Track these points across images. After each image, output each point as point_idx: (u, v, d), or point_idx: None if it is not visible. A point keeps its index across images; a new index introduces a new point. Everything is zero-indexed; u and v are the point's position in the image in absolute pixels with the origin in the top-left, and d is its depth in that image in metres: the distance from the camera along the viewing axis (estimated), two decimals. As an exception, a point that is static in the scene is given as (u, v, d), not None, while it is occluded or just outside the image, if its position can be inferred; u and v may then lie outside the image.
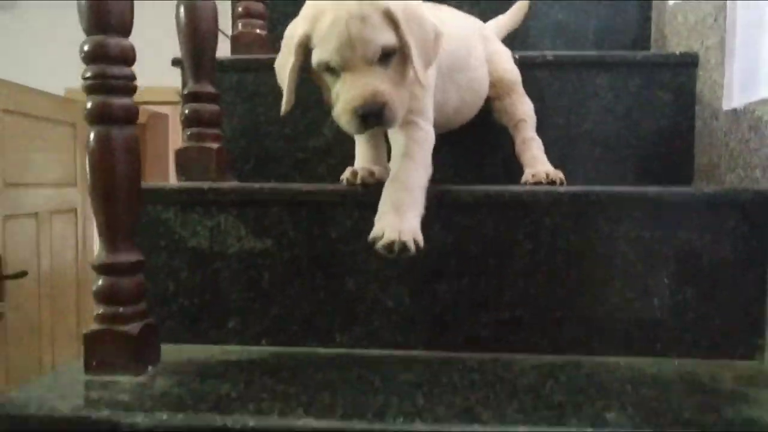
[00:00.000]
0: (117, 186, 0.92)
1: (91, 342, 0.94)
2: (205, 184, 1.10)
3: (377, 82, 0.85)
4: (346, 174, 1.04)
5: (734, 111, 1.20)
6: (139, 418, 0.80)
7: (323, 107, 1.05)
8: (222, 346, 1.09)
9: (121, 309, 0.94)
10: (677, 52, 1.44)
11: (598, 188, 1.09)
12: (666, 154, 1.39)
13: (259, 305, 1.09)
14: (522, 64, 1.36)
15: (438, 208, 1.01)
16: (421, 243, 0.89)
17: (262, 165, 1.42)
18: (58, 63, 2.86)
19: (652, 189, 1.06)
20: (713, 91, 1.30)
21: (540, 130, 1.31)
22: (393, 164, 0.99)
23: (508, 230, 1.05)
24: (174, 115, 4.88)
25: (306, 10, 0.92)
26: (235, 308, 1.09)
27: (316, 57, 0.88)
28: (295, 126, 1.40)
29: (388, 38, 0.86)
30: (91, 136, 0.92)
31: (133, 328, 0.94)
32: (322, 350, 1.07)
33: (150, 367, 0.97)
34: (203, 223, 1.09)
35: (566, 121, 1.40)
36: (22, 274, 2.82)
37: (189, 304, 1.10)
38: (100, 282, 0.95)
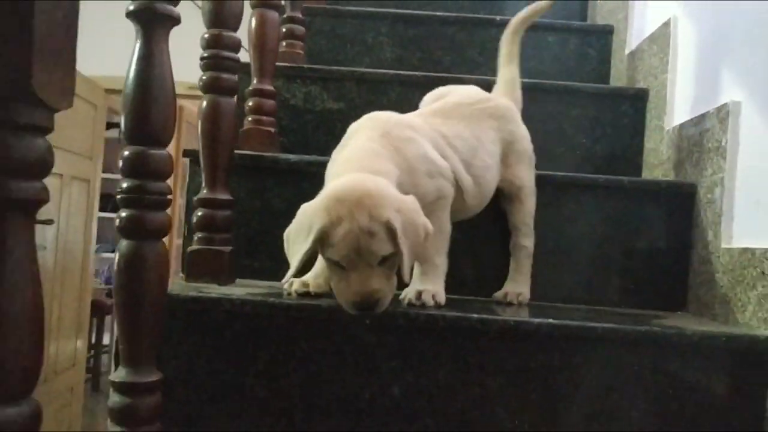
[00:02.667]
0: (222, 138, 1.20)
1: (192, 257, 1.19)
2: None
3: (375, 282, 1.01)
4: (291, 287, 1.15)
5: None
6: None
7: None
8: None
9: (215, 235, 1.19)
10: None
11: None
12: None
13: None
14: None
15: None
16: (442, 301, 1.14)
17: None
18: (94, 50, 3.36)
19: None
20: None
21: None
22: None
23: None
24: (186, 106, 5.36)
25: (327, 207, 1.01)
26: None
27: (328, 254, 1.02)
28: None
29: (388, 249, 1.01)
30: (204, 103, 1.21)
31: (225, 248, 1.20)
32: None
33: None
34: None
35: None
36: (49, 221, 3.25)
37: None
38: (199, 213, 1.19)
